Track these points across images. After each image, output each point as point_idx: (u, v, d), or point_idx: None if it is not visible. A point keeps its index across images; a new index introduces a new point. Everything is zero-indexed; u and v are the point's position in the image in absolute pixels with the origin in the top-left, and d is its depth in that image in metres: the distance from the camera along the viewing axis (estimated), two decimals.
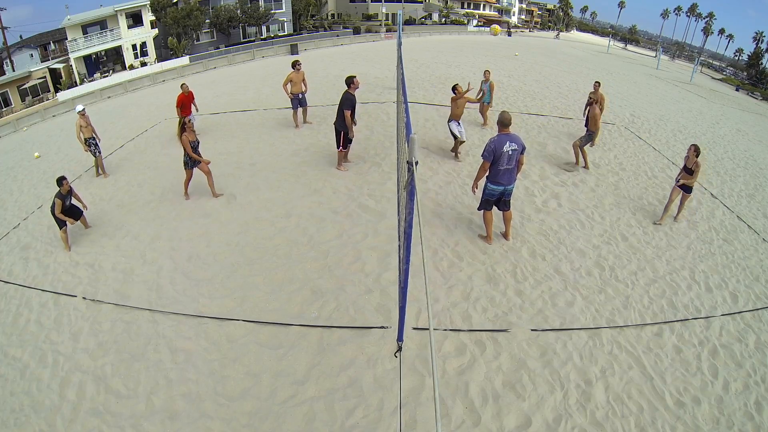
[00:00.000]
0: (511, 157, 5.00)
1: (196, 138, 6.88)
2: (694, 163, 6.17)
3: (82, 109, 8.52)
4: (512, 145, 4.96)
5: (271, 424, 3.48)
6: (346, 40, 34.29)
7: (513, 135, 5.04)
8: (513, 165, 5.08)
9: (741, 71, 59.36)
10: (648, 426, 3.49)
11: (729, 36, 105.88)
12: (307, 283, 5.00)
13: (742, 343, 4.43)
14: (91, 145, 8.47)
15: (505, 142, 4.94)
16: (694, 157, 6.16)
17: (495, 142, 4.96)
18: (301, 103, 9.87)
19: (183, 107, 9.53)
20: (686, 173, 6.29)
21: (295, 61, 9.58)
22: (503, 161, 4.99)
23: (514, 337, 4.26)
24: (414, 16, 49.93)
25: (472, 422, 3.45)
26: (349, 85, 7.01)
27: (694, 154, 6.16)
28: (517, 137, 5.05)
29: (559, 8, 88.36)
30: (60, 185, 6.10)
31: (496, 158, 4.97)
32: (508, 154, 4.96)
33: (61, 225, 6.09)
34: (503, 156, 4.95)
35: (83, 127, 8.32)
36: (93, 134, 8.49)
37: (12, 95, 29.57)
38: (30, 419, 3.69)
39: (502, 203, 5.44)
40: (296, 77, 9.36)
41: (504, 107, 12.48)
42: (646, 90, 19.06)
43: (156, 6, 32.99)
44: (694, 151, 6.17)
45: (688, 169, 6.26)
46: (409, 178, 2.19)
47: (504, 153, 4.94)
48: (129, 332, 4.51)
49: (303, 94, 9.72)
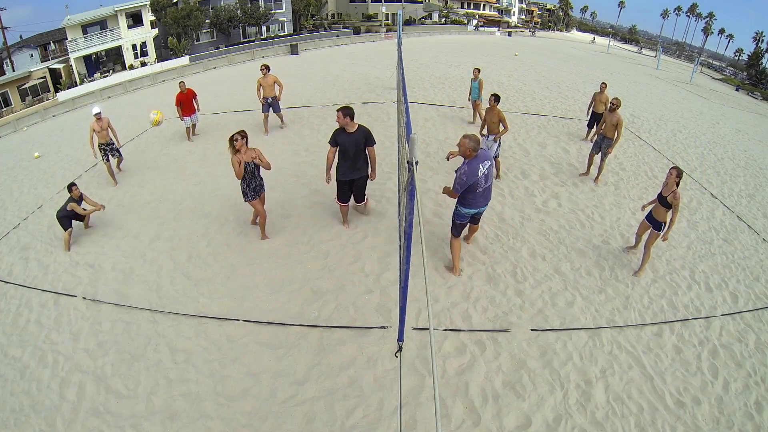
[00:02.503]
0: (488, 176, 4.41)
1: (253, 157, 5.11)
2: (672, 194, 4.69)
3: (98, 112, 7.77)
4: (486, 164, 4.30)
5: (271, 424, 3.48)
6: (346, 40, 34.27)
7: (481, 152, 4.30)
8: (490, 182, 4.50)
9: (741, 71, 59.37)
10: (648, 426, 3.49)
11: (729, 36, 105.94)
12: (307, 283, 5.00)
13: (742, 343, 4.43)
14: (104, 152, 7.88)
15: (477, 166, 4.24)
16: (674, 183, 4.73)
17: (466, 173, 4.23)
18: (273, 108, 9.57)
19: (183, 106, 9.45)
20: (660, 204, 4.84)
21: (263, 66, 9.30)
22: (480, 184, 4.36)
23: (514, 337, 4.26)
24: (414, 16, 49.94)
25: (472, 422, 3.45)
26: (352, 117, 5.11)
27: (675, 181, 4.71)
28: (485, 151, 4.38)
29: (559, 8, 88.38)
30: (70, 191, 6.16)
31: (473, 186, 4.34)
32: (485, 174, 4.35)
33: (66, 227, 6.11)
34: (479, 181, 4.32)
35: (98, 132, 7.63)
36: (108, 140, 7.86)
37: (12, 95, 29.56)
38: (30, 419, 3.69)
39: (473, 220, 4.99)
40: (264, 81, 9.13)
41: (504, 107, 12.45)
42: (646, 90, 19.06)
43: (156, 6, 33.00)
44: (675, 176, 4.72)
45: (664, 200, 4.77)
46: (409, 178, 2.19)
47: (480, 178, 4.30)
48: (129, 332, 4.51)
49: (274, 98, 9.42)
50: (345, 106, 5.06)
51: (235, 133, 5.03)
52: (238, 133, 5.03)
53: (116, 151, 8.14)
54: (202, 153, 9.22)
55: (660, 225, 4.96)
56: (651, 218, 5.07)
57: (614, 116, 7.16)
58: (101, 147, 7.87)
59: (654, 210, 5.03)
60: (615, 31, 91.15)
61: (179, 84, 9.63)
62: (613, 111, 7.17)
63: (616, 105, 7.16)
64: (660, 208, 4.90)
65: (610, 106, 7.26)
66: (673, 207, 4.73)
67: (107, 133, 7.85)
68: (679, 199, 4.70)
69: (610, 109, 7.23)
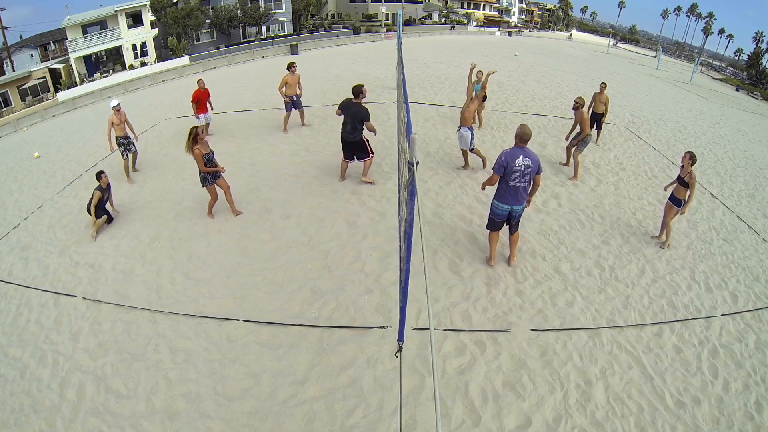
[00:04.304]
0: (524, 173, 4.55)
1: (210, 150, 6.02)
2: (689, 174, 5.50)
3: (117, 104, 7.72)
4: (526, 160, 4.52)
5: (271, 424, 3.48)
6: (346, 40, 34.30)
7: (529, 150, 4.61)
8: (524, 183, 4.62)
9: (741, 71, 59.42)
10: (648, 426, 3.49)
11: (729, 36, 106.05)
12: (307, 283, 5.00)
13: (742, 343, 4.43)
14: (122, 146, 7.83)
15: (518, 155, 4.52)
16: (689, 165, 5.50)
17: (507, 154, 4.56)
18: (295, 105, 9.69)
19: (199, 104, 9.41)
20: (680, 184, 5.64)
21: (291, 63, 9.36)
22: (515, 177, 4.55)
23: (514, 337, 4.26)
24: (414, 16, 49.97)
25: (472, 422, 3.45)
26: (358, 95, 6.52)
27: (689, 163, 5.49)
28: (533, 154, 4.61)
29: (559, 8, 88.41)
30: (99, 179, 6.29)
31: (507, 172, 4.56)
32: (521, 169, 4.52)
33: (99, 215, 6.29)
34: (515, 171, 4.52)
35: (116, 125, 7.62)
36: (126, 133, 7.80)
37: (12, 95, 29.57)
38: (30, 419, 3.69)
39: (510, 225, 5.08)
40: (291, 79, 9.23)
41: (504, 107, 12.49)
42: (646, 90, 19.06)
43: (156, 6, 33.02)
44: (689, 158, 5.50)
45: (682, 180, 5.59)
46: (409, 178, 2.19)
47: (516, 167, 4.51)
48: (129, 332, 4.51)
49: (297, 96, 9.57)
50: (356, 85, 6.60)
51: (195, 128, 5.79)
52: (197, 128, 5.81)
53: (132, 145, 8.10)
54: None
55: (680, 202, 5.69)
56: (673, 198, 5.76)
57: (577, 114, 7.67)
58: (118, 140, 7.82)
59: (675, 190, 5.75)
60: (615, 31, 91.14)
61: (198, 81, 9.59)
62: (576, 109, 7.68)
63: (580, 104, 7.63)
64: (680, 187, 5.65)
65: (573, 104, 7.77)
66: (690, 185, 5.49)
67: (124, 127, 7.81)
68: (695, 179, 5.47)
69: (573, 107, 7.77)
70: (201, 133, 5.82)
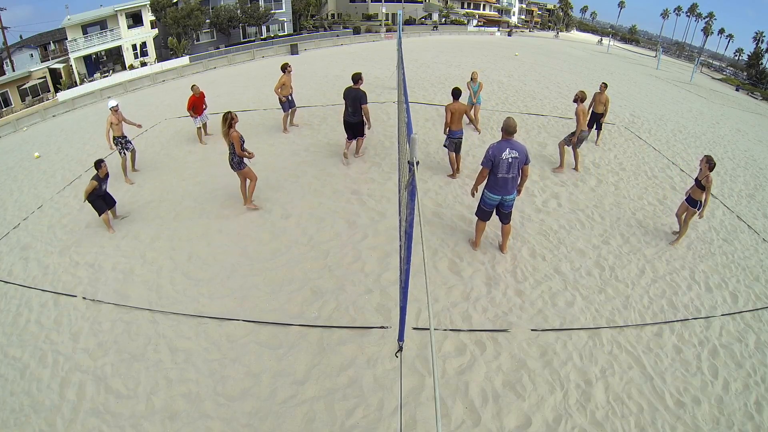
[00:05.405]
0: (511, 165, 4.74)
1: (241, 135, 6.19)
2: (706, 177, 5.52)
3: (115, 105, 7.86)
4: (512, 153, 4.71)
5: (271, 424, 3.48)
6: (346, 40, 34.28)
7: (515, 142, 4.80)
8: (513, 174, 4.81)
9: (741, 71, 59.38)
10: (648, 426, 3.49)
11: (729, 36, 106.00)
12: (307, 283, 5.00)
13: (742, 343, 4.43)
14: (119, 144, 7.95)
15: (505, 148, 4.71)
16: (706, 169, 5.52)
17: (494, 148, 4.75)
18: (290, 104, 9.73)
19: (195, 108, 9.44)
20: (696, 186, 5.70)
21: (285, 64, 9.36)
22: (502, 168, 4.74)
23: (514, 337, 4.26)
24: (414, 16, 49.95)
25: (472, 422, 3.45)
26: (357, 81, 7.52)
27: (707, 167, 5.52)
28: (520, 145, 4.80)
29: (559, 8, 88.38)
30: (98, 168, 6.19)
31: (495, 165, 4.74)
32: (508, 161, 4.71)
33: (100, 210, 6.25)
34: (502, 163, 4.71)
35: (114, 125, 7.77)
36: (123, 133, 7.92)
37: (12, 95, 29.56)
38: (30, 419, 3.69)
39: (502, 215, 5.21)
40: (288, 80, 9.21)
41: (504, 107, 12.50)
42: (646, 90, 19.06)
43: (156, 6, 33.01)
44: (706, 162, 5.55)
45: (699, 183, 5.63)
46: (410, 178, 2.19)
47: (503, 160, 4.69)
48: (129, 332, 4.51)
49: (291, 95, 9.63)
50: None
51: (230, 112, 6.03)
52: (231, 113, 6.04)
53: (130, 144, 8.16)
54: (202, 153, 9.22)
55: (696, 203, 5.73)
56: (690, 199, 5.82)
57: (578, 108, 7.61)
58: (116, 140, 7.95)
59: (692, 192, 5.78)
60: (615, 31, 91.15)
61: (192, 87, 9.55)
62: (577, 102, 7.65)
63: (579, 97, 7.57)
64: (696, 190, 5.70)
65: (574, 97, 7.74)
66: (706, 188, 5.54)
67: (122, 126, 7.95)
68: (711, 182, 5.52)
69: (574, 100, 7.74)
70: (236, 117, 6.08)
